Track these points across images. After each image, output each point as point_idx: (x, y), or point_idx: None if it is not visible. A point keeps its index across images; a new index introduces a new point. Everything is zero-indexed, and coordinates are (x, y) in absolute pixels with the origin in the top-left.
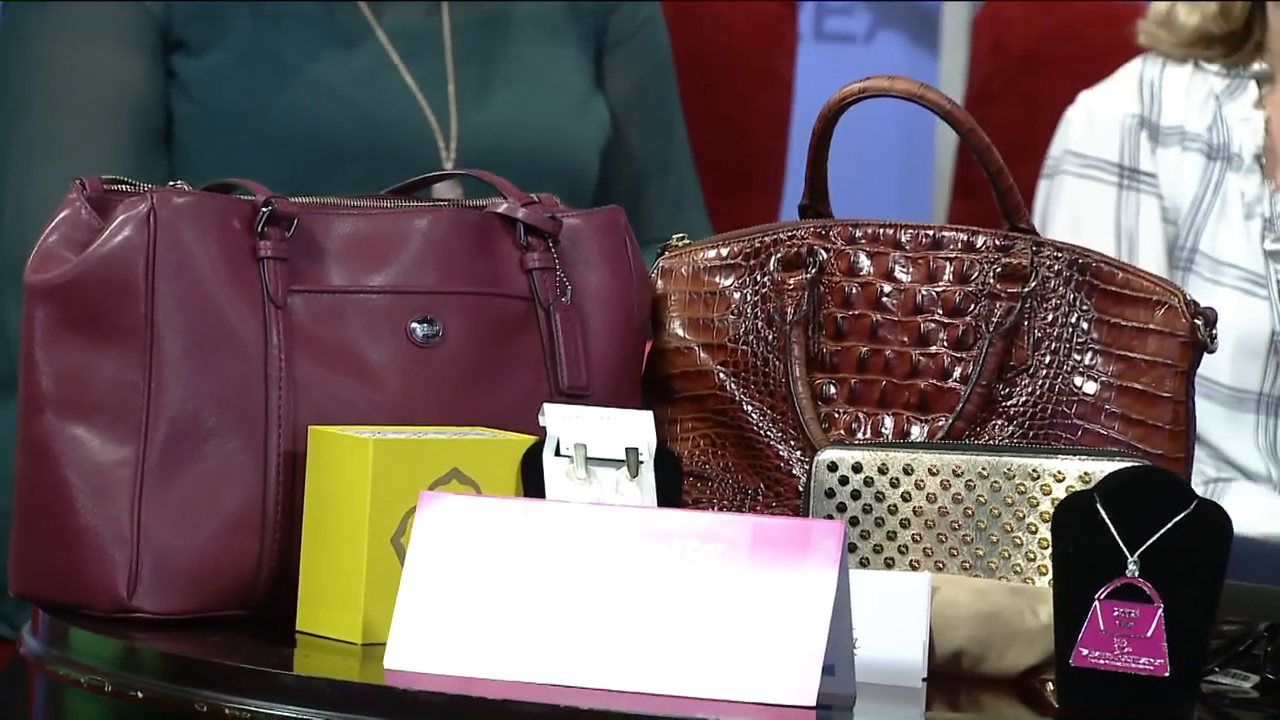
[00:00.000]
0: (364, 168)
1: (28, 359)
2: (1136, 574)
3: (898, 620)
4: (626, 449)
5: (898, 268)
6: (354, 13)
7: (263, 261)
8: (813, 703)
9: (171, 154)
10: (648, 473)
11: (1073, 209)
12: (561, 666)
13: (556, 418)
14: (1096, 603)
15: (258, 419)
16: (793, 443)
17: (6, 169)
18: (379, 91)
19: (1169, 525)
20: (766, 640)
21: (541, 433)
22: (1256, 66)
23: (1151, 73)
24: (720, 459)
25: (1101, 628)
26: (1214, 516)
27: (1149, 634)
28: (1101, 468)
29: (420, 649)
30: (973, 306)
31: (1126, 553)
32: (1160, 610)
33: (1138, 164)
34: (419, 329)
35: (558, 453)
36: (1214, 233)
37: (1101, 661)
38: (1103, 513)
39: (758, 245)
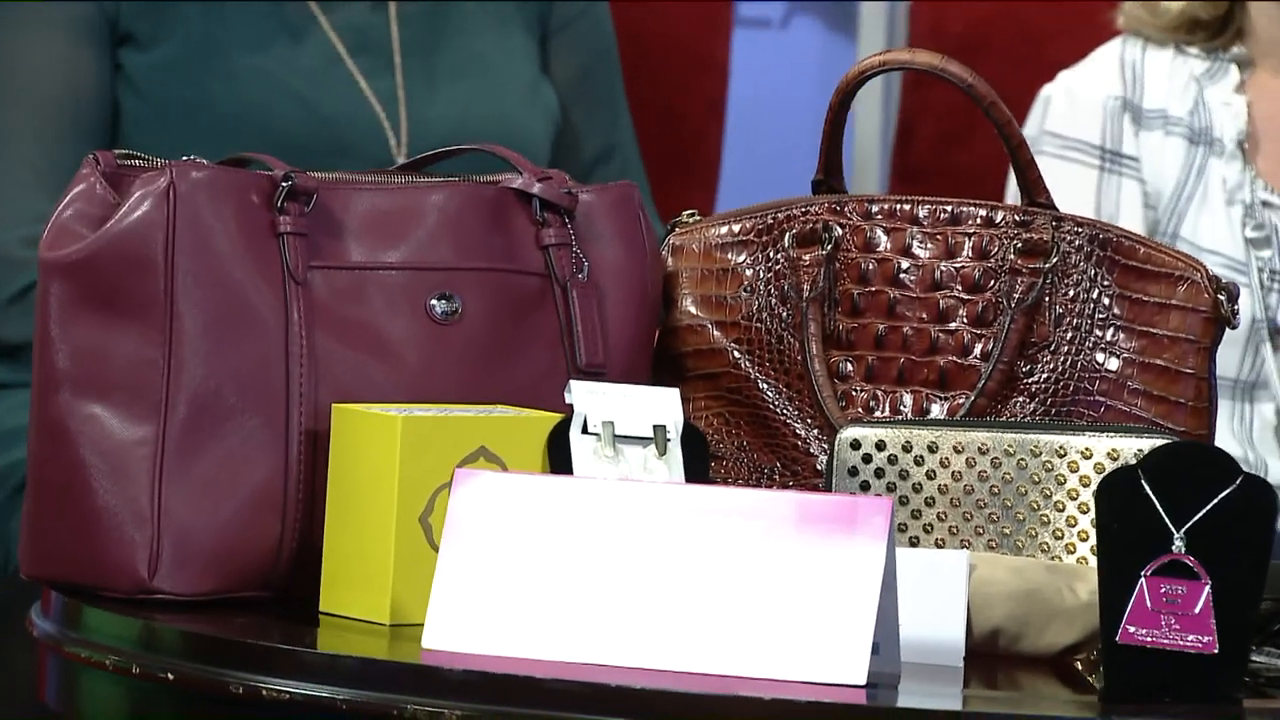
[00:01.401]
0: (313, 164)
1: (43, 336)
2: (1183, 550)
3: (936, 598)
4: (654, 426)
5: (915, 243)
6: (301, 7)
7: (282, 237)
8: (863, 681)
9: (117, 148)
10: (675, 450)
11: (1051, 190)
12: (604, 646)
13: (583, 395)
14: (1143, 580)
15: (278, 397)
16: (809, 421)
17: None
18: (327, 86)
19: (1215, 501)
20: (814, 618)
21: (564, 410)
22: (1237, 50)
23: (1132, 54)
24: (735, 438)
25: (1148, 605)
26: (1261, 492)
27: (1196, 611)
28: (1130, 445)
29: (458, 628)
30: (992, 282)
31: (1172, 529)
32: (1208, 587)
33: (1120, 147)
34: (438, 305)
35: (584, 430)
36: (1195, 219)
37: (1149, 639)
38: (1147, 488)
39: (770, 221)
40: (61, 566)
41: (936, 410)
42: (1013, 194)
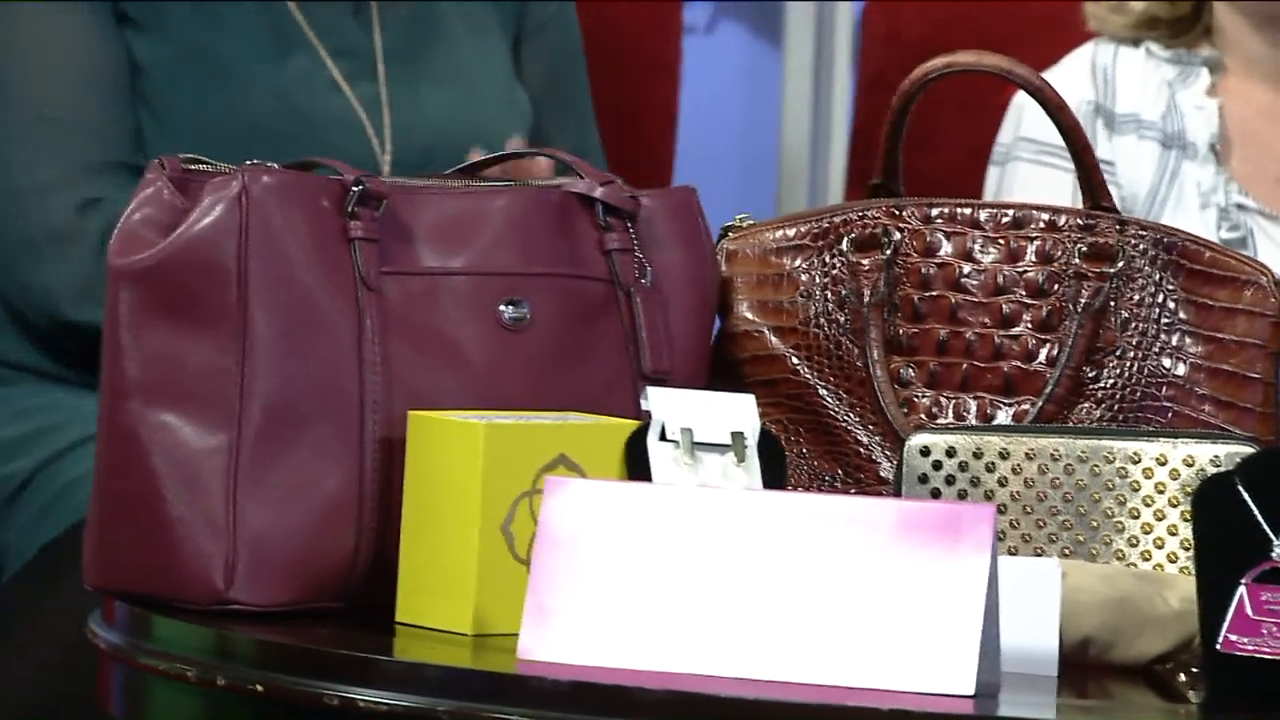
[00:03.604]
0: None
1: (113, 344)
2: None
3: (1029, 607)
4: (732, 433)
5: (977, 248)
6: (284, 10)
7: (354, 243)
8: (971, 691)
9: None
10: (753, 457)
11: (1028, 196)
12: (704, 656)
13: (660, 402)
14: (1243, 588)
15: (352, 404)
16: (872, 428)
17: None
18: (312, 90)
19: None
20: (918, 627)
21: (631, 416)
22: (1207, 53)
23: (1104, 59)
24: (794, 445)
25: (1249, 613)
26: None
27: None
28: (1205, 451)
29: (553, 638)
30: (1057, 287)
31: (1272, 536)
32: None
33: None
34: (507, 311)
35: (662, 437)
36: (1171, 222)
37: (1250, 648)
38: (1245, 495)
39: (826, 226)
40: (131, 577)
41: (1001, 416)
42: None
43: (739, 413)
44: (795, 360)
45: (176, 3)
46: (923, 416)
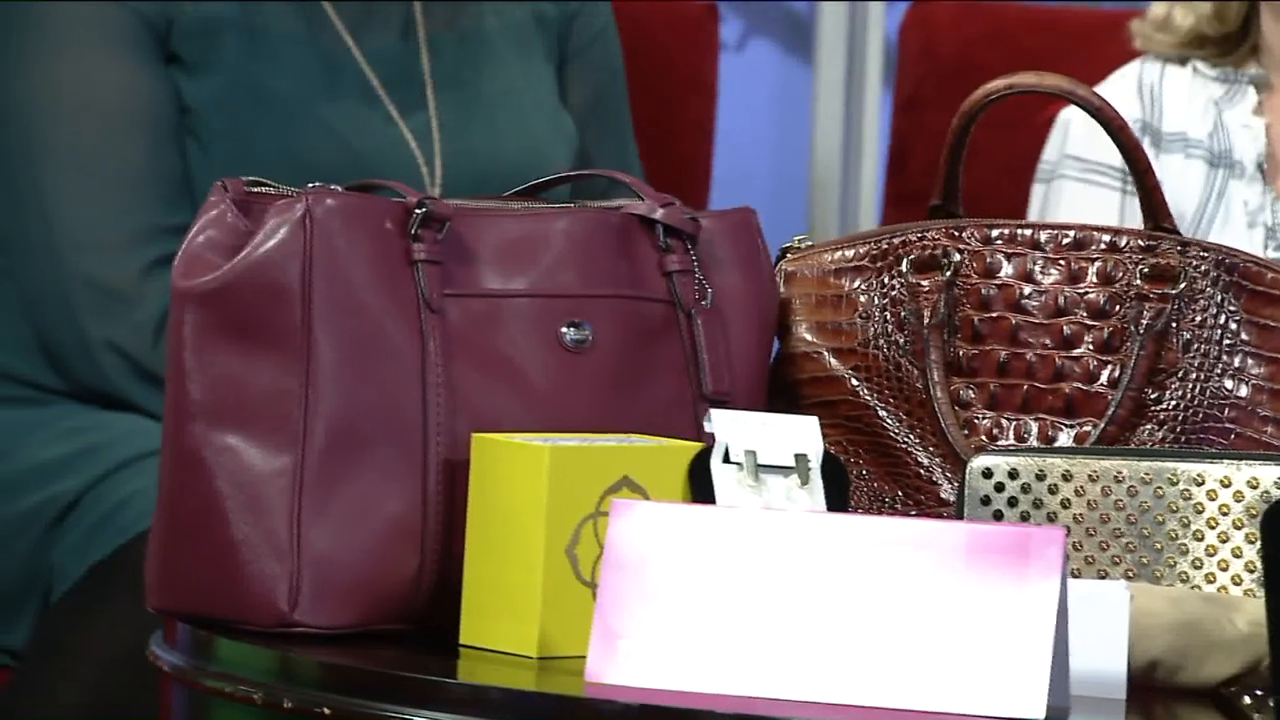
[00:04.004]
0: None
1: (176, 366)
2: None
3: (1097, 629)
4: (796, 455)
5: (1038, 269)
6: (335, 39)
7: (418, 265)
8: (1042, 715)
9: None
10: (817, 480)
11: (1074, 215)
12: (772, 679)
13: (724, 424)
14: None
15: (414, 427)
16: (932, 449)
17: (40, 187)
18: (362, 120)
19: None
20: (988, 651)
21: (692, 438)
22: (1253, 70)
23: (1151, 76)
24: (854, 466)
25: None
26: None
27: None
28: (1270, 473)
29: (621, 661)
30: (1118, 308)
31: None
32: None
33: None
34: (569, 333)
35: (726, 459)
36: (1218, 242)
37: None
38: None
39: (885, 247)
40: (195, 599)
41: (1063, 438)
42: (1035, 220)
43: (802, 435)
44: (855, 382)
45: (227, 39)
46: (983, 438)
